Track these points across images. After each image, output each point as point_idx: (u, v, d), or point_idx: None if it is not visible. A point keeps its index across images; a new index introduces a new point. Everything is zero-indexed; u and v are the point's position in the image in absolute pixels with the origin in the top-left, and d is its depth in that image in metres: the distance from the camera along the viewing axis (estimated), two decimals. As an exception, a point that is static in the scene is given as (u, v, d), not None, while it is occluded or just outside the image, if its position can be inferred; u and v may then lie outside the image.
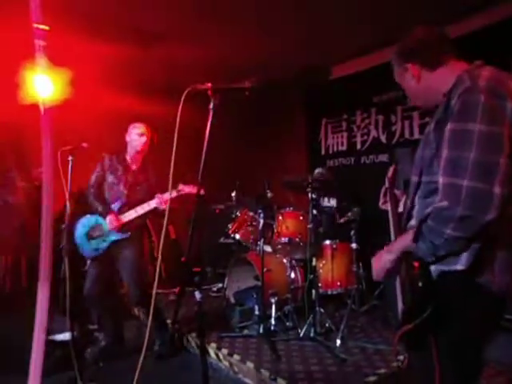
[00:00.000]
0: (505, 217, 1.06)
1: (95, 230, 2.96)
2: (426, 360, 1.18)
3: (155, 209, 2.89)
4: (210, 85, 1.30)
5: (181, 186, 2.80)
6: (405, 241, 1.21)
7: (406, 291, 1.26)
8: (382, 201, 1.61)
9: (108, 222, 2.90)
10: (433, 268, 1.17)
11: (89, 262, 3.07)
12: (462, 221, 1.04)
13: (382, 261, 1.28)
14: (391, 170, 1.60)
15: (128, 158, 3.05)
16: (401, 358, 2.50)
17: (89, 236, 2.97)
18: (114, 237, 2.92)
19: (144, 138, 3.00)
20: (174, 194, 2.80)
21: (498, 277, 1.11)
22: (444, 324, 1.14)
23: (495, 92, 1.08)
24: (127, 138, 3.05)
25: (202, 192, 2.53)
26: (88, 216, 3.02)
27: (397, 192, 1.58)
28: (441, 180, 1.11)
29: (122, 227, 2.92)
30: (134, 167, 3.05)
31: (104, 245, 2.94)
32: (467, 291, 1.14)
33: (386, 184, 1.56)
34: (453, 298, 1.15)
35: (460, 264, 1.12)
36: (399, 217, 1.43)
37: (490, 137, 1.05)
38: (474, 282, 1.12)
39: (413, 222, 1.27)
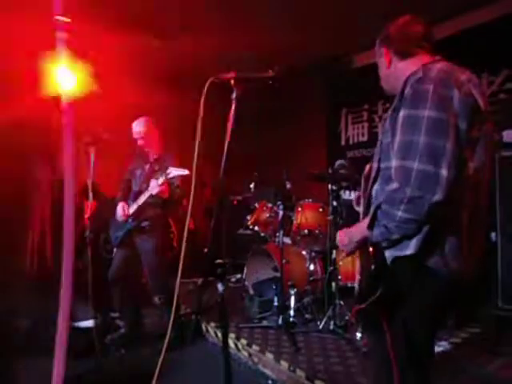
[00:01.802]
0: (454, 201, 1.12)
1: (116, 219, 3.09)
2: (380, 340, 1.24)
3: (154, 195, 2.89)
4: (234, 74, 1.28)
5: (169, 170, 2.76)
6: (362, 228, 1.26)
7: (362, 274, 1.35)
8: (355, 202, 1.66)
9: (117, 212, 3.04)
10: (387, 254, 1.21)
11: (115, 249, 3.21)
12: (412, 201, 1.09)
13: (345, 245, 1.35)
14: (368, 167, 1.59)
15: (146, 150, 3.14)
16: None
17: (112, 225, 3.14)
18: (128, 226, 3.03)
19: (136, 138, 3.07)
20: (161, 180, 2.78)
21: (448, 259, 1.15)
22: (396, 306, 1.20)
23: (443, 82, 1.15)
24: None
25: (186, 172, 2.57)
26: None
27: None
28: (393, 163, 1.16)
29: (134, 217, 3.00)
30: (151, 158, 3.13)
31: (120, 233, 3.06)
32: (417, 274, 1.19)
33: (362, 182, 1.56)
34: (403, 281, 1.20)
35: (410, 249, 1.16)
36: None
37: (437, 123, 1.11)
38: (423, 265, 1.17)
39: (372, 208, 1.30)
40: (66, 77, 3.85)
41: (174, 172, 2.71)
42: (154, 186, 2.83)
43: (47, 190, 4.41)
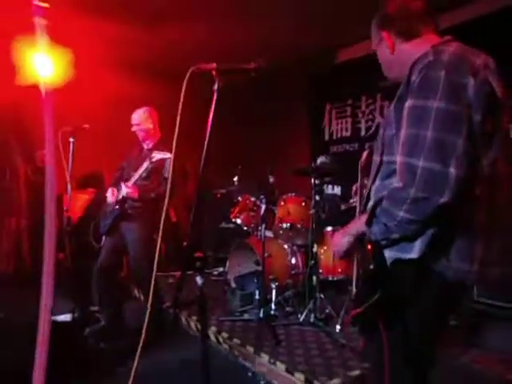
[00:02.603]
0: (464, 201, 1.02)
1: (108, 207, 3.09)
2: (376, 345, 1.16)
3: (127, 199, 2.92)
4: (214, 65, 1.26)
5: (153, 154, 2.76)
6: (360, 223, 1.16)
7: (360, 274, 1.25)
8: (353, 192, 1.56)
9: (107, 197, 3.04)
10: (387, 255, 1.12)
11: (103, 238, 3.19)
12: (416, 203, 1.00)
13: (340, 242, 1.25)
14: (365, 154, 1.51)
15: (143, 139, 3.14)
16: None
17: (103, 212, 3.12)
18: (115, 212, 3.00)
19: (135, 127, 3.06)
20: (147, 164, 2.79)
21: (455, 263, 1.06)
22: (395, 311, 1.12)
23: (457, 68, 1.02)
24: None
25: (169, 155, 2.54)
26: None
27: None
28: (398, 159, 1.06)
29: (121, 204, 2.98)
30: (146, 148, 3.12)
31: (108, 221, 3.03)
32: (420, 279, 1.09)
33: (359, 173, 1.49)
34: (405, 286, 1.10)
35: (414, 252, 1.07)
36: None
37: (448, 115, 0.99)
38: (428, 269, 1.08)
39: (371, 204, 1.21)
40: (44, 64, 3.75)
41: (158, 156, 2.71)
42: (124, 188, 2.87)
43: (24, 176, 4.30)
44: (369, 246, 1.16)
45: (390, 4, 1.24)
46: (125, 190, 2.87)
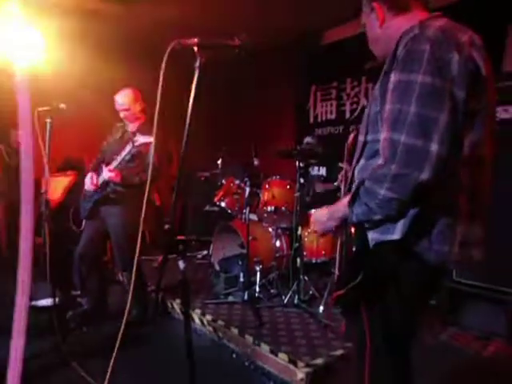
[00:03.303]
0: (447, 181, 1.01)
1: (87, 191, 2.99)
2: (359, 326, 1.17)
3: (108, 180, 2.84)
4: (196, 40, 1.20)
5: (136, 137, 2.66)
6: (343, 205, 1.14)
7: (342, 257, 1.25)
8: (339, 179, 1.57)
9: (85, 182, 2.95)
10: (370, 237, 1.12)
11: (84, 222, 3.10)
12: (397, 179, 0.98)
13: (323, 225, 1.25)
14: (351, 136, 1.50)
15: (127, 122, 3.04)
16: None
17: (83, 196, 3.02)
18: (95, 196, 2.92)
19: (122, 106, 2.93)
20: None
21: (436, 245, 1.05)
22: (377, 293, 1.12)
23: (442, 43, 1.00)
24: None
25: (151, 139, 2.50)
26: None
27: None
28: (381, 135, 1.04)
29: (102, 189, 2.91)
30: (130, 131, 3.01)
31: (89, 205, 2.95)
32: (401, 260, 1.08)
33: (345, 155, 1.48)
34: (387, 267, 1.10)
35: (396, 233, 1.06)
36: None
37: (432, 90, 0.97)
38: (409, 250, 1.07)
39: (354, 185, 1.20)
40: (18, 42, 3.58)
41: (141, 139, 2.61)
42: (106, 171, 2.77)
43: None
44: (352, 229, 1.16)
45: None
46: (107, 173, 2.78)
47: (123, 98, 2.93)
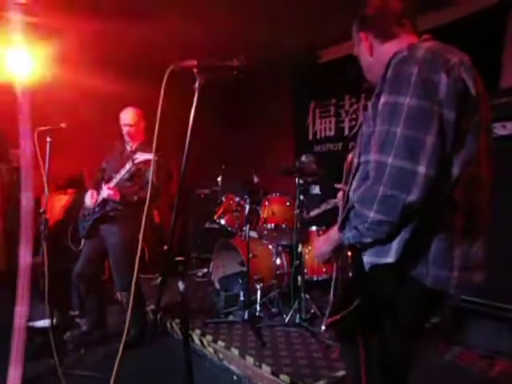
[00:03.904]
0: (439, 202, 1.00)
1: (86, 210, 3.00)
2: (353, 353, 1.14)
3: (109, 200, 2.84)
4: (195, 62, 1.22)
5: (136, 155, 2.66)
6: (336, 230, 1.15)
7: (338, 282, 1.26)
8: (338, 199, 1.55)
9: (85, 200, 2.96)
10: (365, 260, 1.11)
11: (83, 241, 3.09)
12: (385, 201, 0.98)
13: (321, 250, 1.24)
14: (350, 155, 1.52)
15: (125, 140, 3.05)
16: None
17: (82, 215, 3.01)
18: (94, 215, 2.91)
19: (126, 128, 2.96)
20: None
21: (433, 270, 1.03)
22: (373, 319, 1.09)
23: (430, 64, 1.00)
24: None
25: (151, 157, 2.50)
26: None
27: None
28: (371, 157, 1.05)
29: (101, 207, 2.90)
30: (129, 149, 3.02)
31: (88, 223, 2.94)
32: (398, 285, 1.06)
33: (344, 176, 1.48)
34: (383, 293, 1.08)
35: (390, 256, 1.04)
36: None
37: (419, 112, 0.97)
38: (405, 275, 1.04)
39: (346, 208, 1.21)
40: (21, 61, 3.63)
41: (141, 157, 2.61)
42: (105, 190, 2.77)
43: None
44: (349, 253, 1.16)
45: (368, 5, 1.23)
46: (106, 191, 2.78)
47: (129, 115, 2.96)
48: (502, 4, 3.25)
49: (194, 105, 1.23)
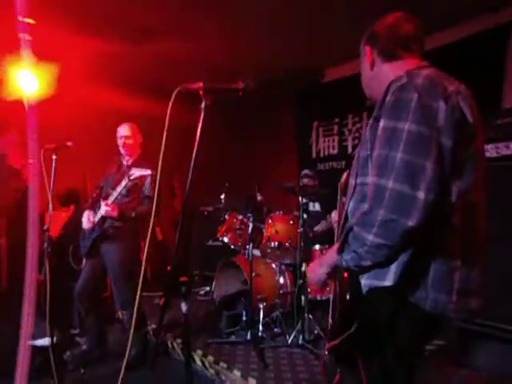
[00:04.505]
0: (437, 227, 1.01)
1: (87, 229, 2.99)
2: (356, 377, 1.12)
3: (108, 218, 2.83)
4: (201, 84, 1.24)
5: (132, 171, 2.64)
6: (334, 253, 1.14)
7: (336, 305, 1.22)
8: (334, 220, 1.56)
9: (83, 221, 2.96)
10: (363, 282, 1.10)
11: (84, 260, 3.07)
12: (384, 225, 0.98)
13: (316, 274, 1.23)
14: (345, 175, 1.51)
15: (121, 156, 3.07)
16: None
17: (82, 234, 3.01)
18: (94, 234, 2.91)
19: (123, 140, 2.99)
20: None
21: (432, 294, 1.02)
22: (372, 343, 1.08)
23: (429, 92, 1.02)
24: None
25: (149, 172, 2.49)
26: None
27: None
28: (369, 180, 1.05)
29: (100, 226, 2.90)
30: (126, 164, 3.04)
31: (88, 242, 2.93)
32: (396, 309, 1.05)
33: (338, 194, 1.49)
34: (381, 316, 1.07)
35: (388, 279, 1.04)
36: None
37: (418, 138, 0.98)
38: (404, 299, 1.04)
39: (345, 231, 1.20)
40: (29, 80, 3.70)
41: (137, 173, 2.60)
42: (103, 207, 2.77)
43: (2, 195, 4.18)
44: (345, 274, 1.14)
45: (381, 22, 1.25)
46: (104, 208, 2.77)
47: (126, 128, 3.01)
48: (503, 25, 3.31)
49: (200, 126, 1.24)
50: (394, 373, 1.10)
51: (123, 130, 3.01)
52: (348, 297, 1.11)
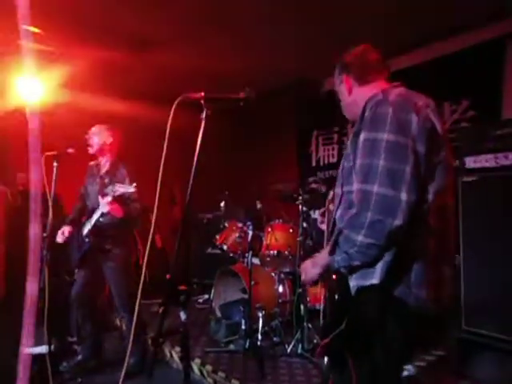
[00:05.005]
0: (417, 226, 1.10)
1: (75, 240, 2.93)
2: (345, 377, 1.17)
3: (107, 214, 2.71)
4: (202, 94, 1.25)
5: (116, 187, 2.59)
6: (324, 255, 1.23)
7: (327, 305, 1.29)
8: (319, 219, 1.65)
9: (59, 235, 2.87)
10: (351, 283, 1.19)
11: (76, 270, 3.00)
12: (372, 226, 1.07)
13: (309, 274, 1.31)
14: (331, 193, 1.60)
15: (99, 161, 2.99)
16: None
17: (72, 245, 2.97)
18: (85, 247, 2.86)
19: (91, 140, 2.90)
20: (109, 198, 2.61)
21: (414, 290, 1.11)
22: (362, 340, 1.14)
23: (402, 106, 1.15)
24: None
25: (132, 190, 2.47)
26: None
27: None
28: (354, 187, 1.16)
29: (91, 237, 2.84)
30: (102, 171, 2.95)
31: (78, 255, 2.89)
32: (383, 305, 1.13)
33: (326, 203, 1.57)
34: (370, 313, 1.14)
35: (375, 278, 1.13)
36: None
37: (396, 146, 1.10)
38: (389, 295, 1.12)
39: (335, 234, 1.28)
40: (31, 87, 3.73)
41: (121, 189, 2.54)
42: (104, 205, 2.65)
43: (5, 201, 4.18)
44: (334, 276, 1.23)
45: (349, 54, 1.41)
46: (106, 206, 2.64)
47: (91, 135, 2.91)
48: (502, 36, 3.34)
49: (201, 135, 1.25)
50: (384, 372, 1.15)
51: (88, 136, 2.92)
52: (337, 297, 1.19)
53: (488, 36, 3.42)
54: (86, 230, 2.86)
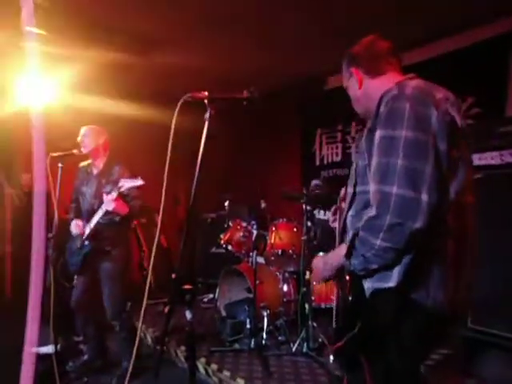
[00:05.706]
0: (437, 228, 1.04)
1: (73, 244, 2.86)
2: (360, 379, 1.14)
3: (111, 212, 2.65)
4: (206, 94, 1.25)
5: (120, 182, 2.54)
6: (339, 256, 1.18)
7: (340, 307, 1.26)
8: (331, 218, 1.60)
9: (72, 230, 2.81)
10: (366, 285, 1.14)
11: (75, 276, 2.94)
12: (391, 229, 1.02)
13: (320, 273, 1.28)
14: (343, 190, 1.54)
15: (90, 162, 2.94)
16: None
17: (70, 250, 2.89)
18: (84, 250, 2.78)
19: (82, 142, 2.83)
20: (115, 194, 2.54)
21: (433, 292, 1.07)
22: (377, 343, 1.10)
23: (420, 100, 1.08)
24: None
25: (140, 182, 2.43)
26: None
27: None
28: (371, 187, 1.09)
29: (90, 240, 2.77)
30: (95, 172, 2.90)
31: (78, 259, 2.80)
32: (400, 308, 1.09)
33: (338, 202, 1.53)
34: (385, 316, 1.10)
35: (392, 281, 1.08)
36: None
37: (415, 144, 1.04)
38: (406, 298, 1.08)
39: (350, 235, 1.22)
40: (36, 88, 3.75)
41: (127, 184, 2.49)
42: (109, 202, 2.56)
43: (10, 202, 4.21)
44: (347, 277, 1.18)
45: (357, 45, 1.34)
46: (112, 204, 2.56)
47: (80, 136, 2.86)
48: (507, 33, 3.32)
49: (204, 135, 1.26)
50: (399, 374, 1.11)
51: (80, 137, 2.86)
52: (350, 299, 1.15)
53: (493, 33, 3.39)
54: (86, 232, 2.79)
